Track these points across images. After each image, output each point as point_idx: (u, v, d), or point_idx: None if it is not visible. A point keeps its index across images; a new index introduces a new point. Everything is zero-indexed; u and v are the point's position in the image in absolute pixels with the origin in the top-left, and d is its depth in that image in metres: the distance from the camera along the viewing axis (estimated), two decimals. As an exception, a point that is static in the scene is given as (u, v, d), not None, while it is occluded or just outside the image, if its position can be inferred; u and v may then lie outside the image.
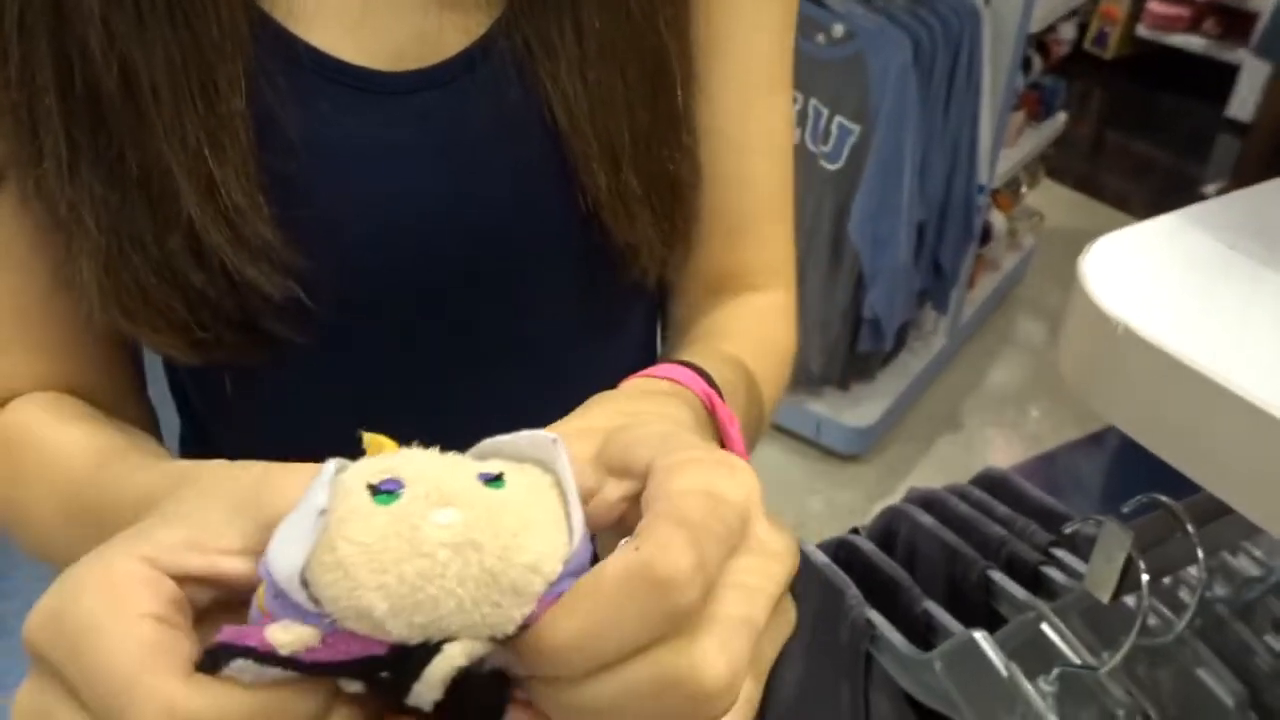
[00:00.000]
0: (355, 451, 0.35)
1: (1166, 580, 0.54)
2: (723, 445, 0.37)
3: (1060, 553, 0.68)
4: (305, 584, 0.21)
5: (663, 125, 0.45)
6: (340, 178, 0.41)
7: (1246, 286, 0.41)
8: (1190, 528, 0.44)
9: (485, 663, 0.22)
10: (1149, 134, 3.61)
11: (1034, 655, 0.53)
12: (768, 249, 0.52)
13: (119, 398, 0.47)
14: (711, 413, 0.37)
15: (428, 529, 0.21)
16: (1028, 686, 0.50)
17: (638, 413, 0.32)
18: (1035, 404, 2.71)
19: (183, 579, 0.23)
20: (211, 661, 0.21)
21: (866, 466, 2.17)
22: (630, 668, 0.21)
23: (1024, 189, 2.53)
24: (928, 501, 0.75)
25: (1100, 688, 0.49)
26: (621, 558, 0.22)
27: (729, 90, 0.48)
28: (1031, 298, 2.84)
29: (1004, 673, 0.51)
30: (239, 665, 0.21)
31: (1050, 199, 2.96)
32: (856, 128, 1.83)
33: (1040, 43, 2.35)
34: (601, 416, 0.31)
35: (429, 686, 0.21)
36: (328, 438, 0.47)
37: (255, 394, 0.45)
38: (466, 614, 0.21)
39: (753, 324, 0.51)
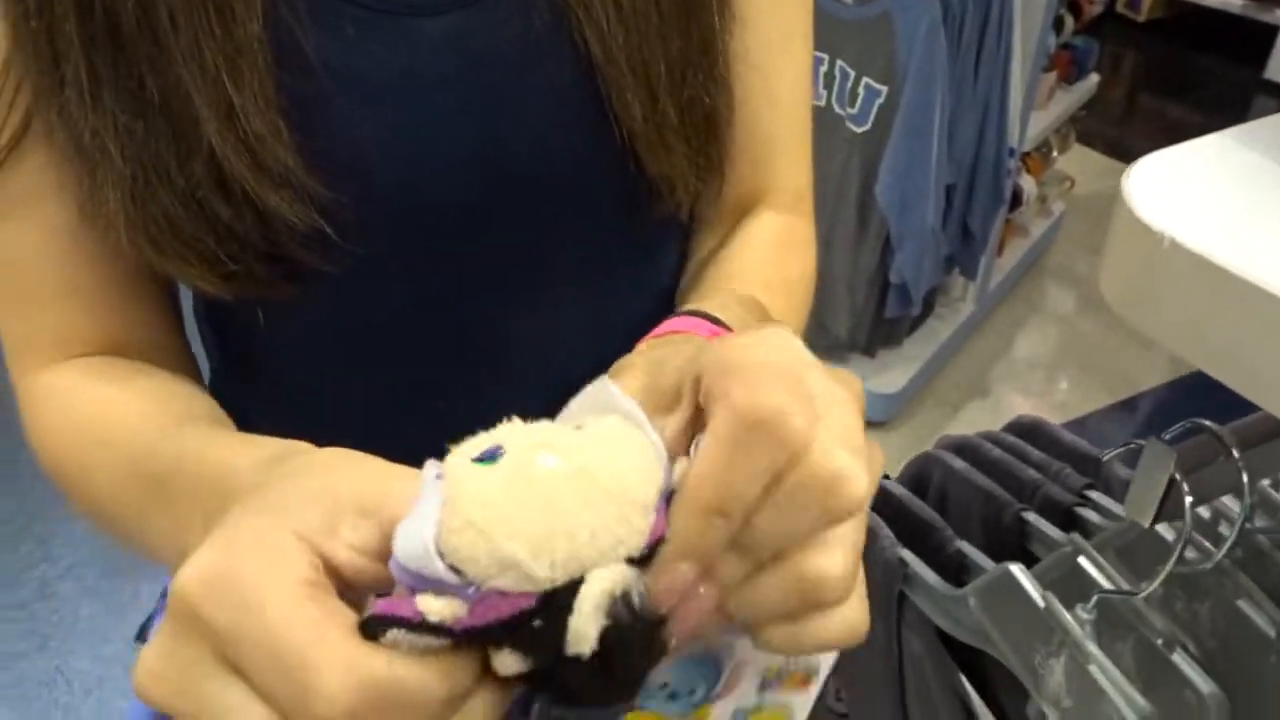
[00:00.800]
0: (392, 391, 0.36)
1: (1206, 514, 0.54)
2: None
3: (1095, 495, 0.67)
4: (441, 557, 0.22)
5: (697, 54, 0.44)
6: (363, 103, 0.41)
7: (1295, 201, 0.40)
8: (1235, 452, 0.43)
9: (633, 599, 0.22)
10: (1183, 97, 3.53)
11: (1071, 588, 0.52)
12: (790, 173, 0.52)
13: (162, 349, 0.47)
14: None
15: (539, 472, 0.22)
16: (1065, 615, 0.49)
17: (658, 358, 0.32)
18: (1064, 373, 2.68)
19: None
20: (369, 633, 0.22)
21: (893, 433, 2.16)
22: (775, 501, 0.23)
23: (1055, 153, 2.49)
24: (960, 447, 0.75)
25: (1139, 617, 0.49)
26: (718, 424, 0.23)
27: (763, 19, 0.48)
28: (1061, 265, 2.80)
29: (1041, 603, 0.51)
30: (394, 635, 0.22)
31: (1081, 164, 2.91)
32: (884, 89, 1.81)
33: (1072, 2, 2.31)
34: (629, 376, 0.30)
35: (584, 619, 0.22)
36: (362, 371, 0.48)
37: (289, 328, 0.45)
38: (599, 540, 0.22)
39: (766, 255, 0.50)
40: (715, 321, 0.40)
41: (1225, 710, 0.47)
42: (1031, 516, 0.65)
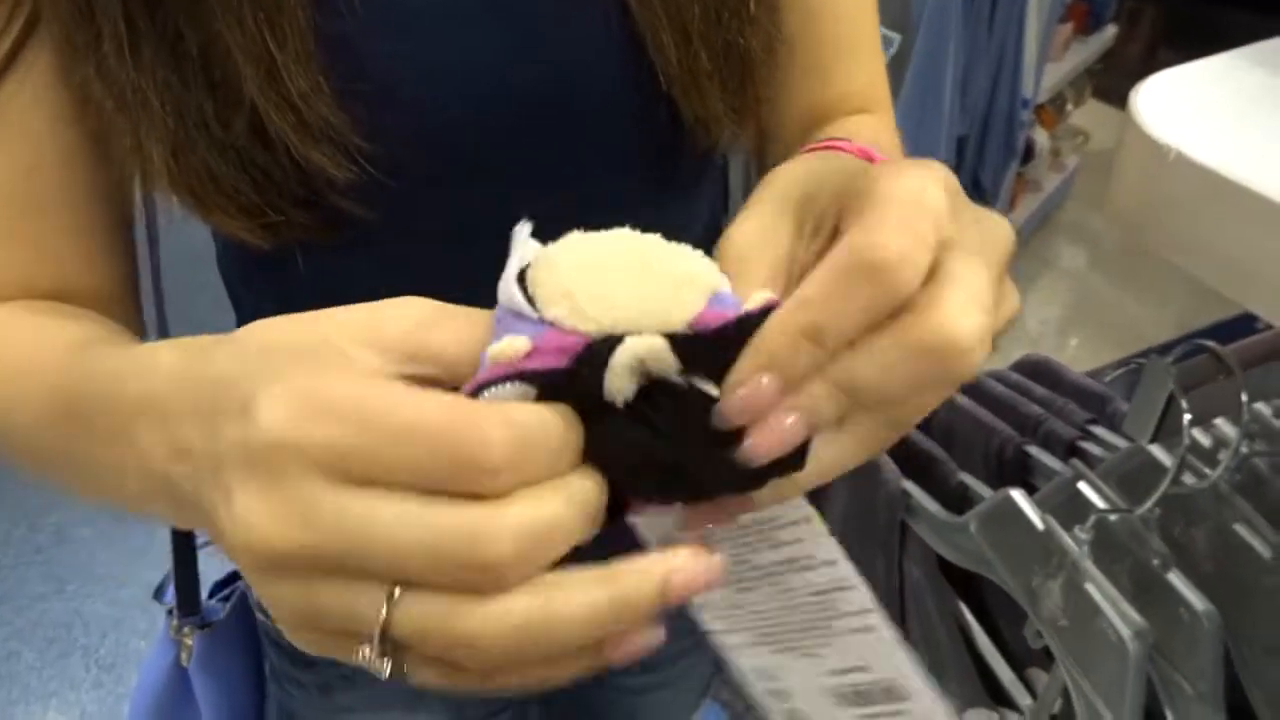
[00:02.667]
0: None
1: (1207, 442, 0.54)
2: None
3: (1098, 429, 0.68)
4: (523, 286, 0.26)
5: None
6: (399, 39, 0.41)
7: (1304, 117, 0.40)
8: (1236, 370, 0.43)
9: (668, 364, 0.24)
10: (1204, 51, 3.46)
11: (1070, 512, 0.53)
12: (862, 77, 0.52)
13: (113, 302, 0.46)
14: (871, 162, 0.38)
15: (606, 244, 0.27)
16: (1064, 535, 0.50)
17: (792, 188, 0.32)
18: (1076, 329, 2.67)
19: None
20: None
21: (901, 387, 2.16)
22: (878, 342, 0.23)
23: (1069, 106, 2.46)
24: (965, 384, 0.75)
25: (1136, 539, 0.50)
26: (834, 253, 0.23)
27: None
28: (1073, 222, 2.78)
29: (1039, 525, 0.52)
30: (488, 394, 0.24)
31: (1096, 119, 2.87)
32: (897, 36, 1.78)
33: (1091, -49, 2.27)
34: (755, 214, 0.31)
35: (616, 374, 0.24)
36: None
37: (328, 274, 0.45)
38: (647, 304, 0.24)
39: (864, 127, 0.51)
40: (842, 141, 0.40)
41: (1218, 626, 0.48)
42: (1034, 450, 0.65)
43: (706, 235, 0.54)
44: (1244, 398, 0.44)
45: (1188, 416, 0.42)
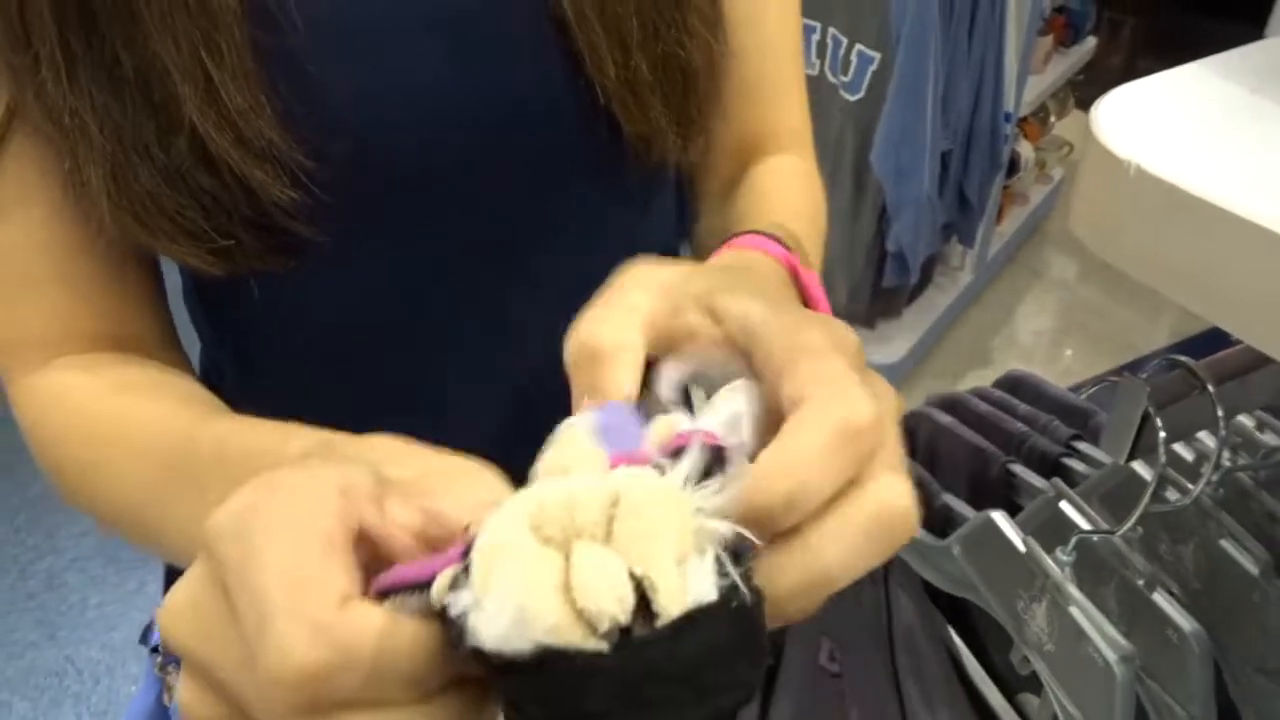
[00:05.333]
0: (391, 363, 0.33)
1: (1190, 457, 0.53)
2: (806, 304, 0.39)
3: (1082, 445, 0.67)
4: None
5: (669, 8, 0.44)
6: (341, 58, 0.40)
7: (1265, 127, 0.39)
8: (1210, 386, 0.43)
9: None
10: (1183, 59, 3.49)
11: (1053, 533, 0.52)
12: (788, 113, 0.53)
13: (155, 342, 0.46)
14: (794, 276, 0.39)
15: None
16: (1045, 558, 0.49)
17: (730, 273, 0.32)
18: (1067, 340, 2.67)
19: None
20: (378, 598, 0.21)
21: (894, 404, 2.15)
22: (844, 509, 0.22)
23: (1052, 118, 2.47)
24: (948, 403, 0.74)
25: (1120, 559, 0.49)
26: (816, 416, 0.22)
27: None
28: (1062, 231, 2.78)
29: (1021, 548, 0.51)
30: (394, 601, 0.21)
31: (1081, 130, 2.88)
32: (877, 55, 1.79)
33: (1067, -36, 2.29)
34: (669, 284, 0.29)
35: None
36: (358, 343, 0.48)
37: (284, 301, 0.45)
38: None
39: (791, 189, 0.52)
40: (777, 240, 0.40)
41: (1207, 647, 0.46)
42: (1018, 468, 0.64)
43: (663, 253, 0.54)
44: (1220, 412, 0.43)
45: (1163, 433, 0.41)
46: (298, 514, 0.21)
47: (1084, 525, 0.50)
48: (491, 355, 0.49)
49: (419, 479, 0.24)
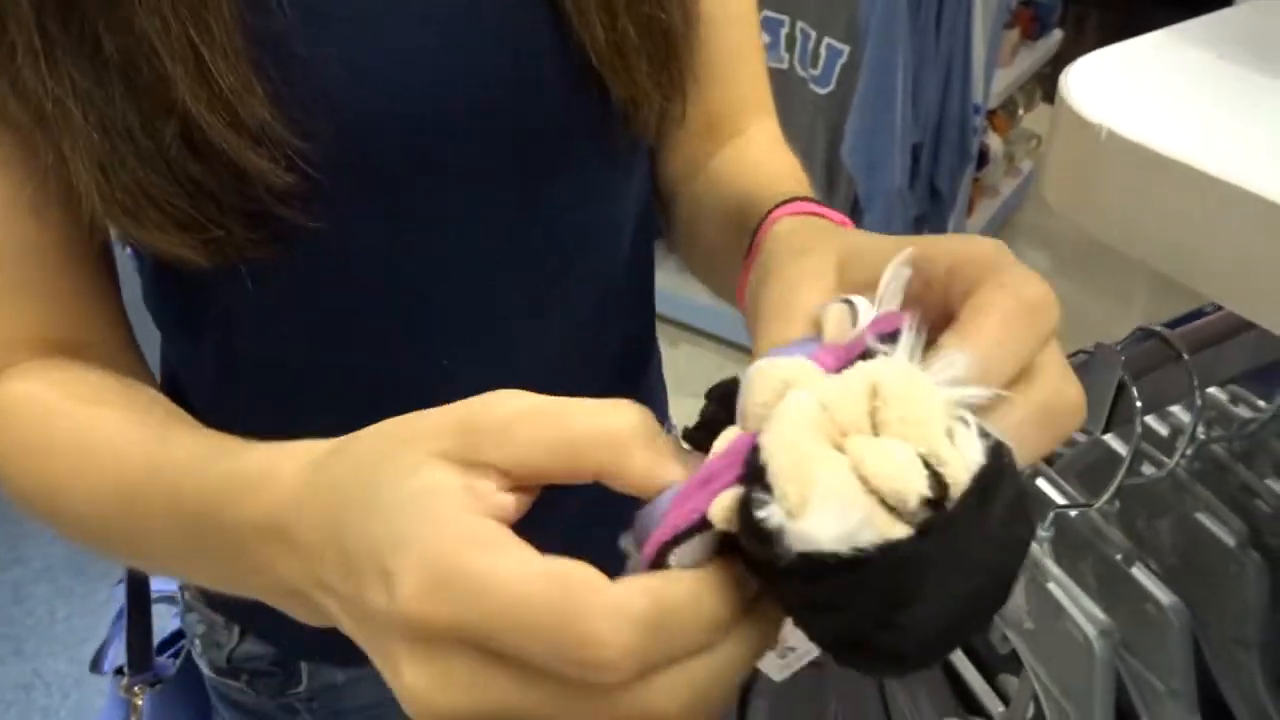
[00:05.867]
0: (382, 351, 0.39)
1: (1164, 430, 0.53)
2: None
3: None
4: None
5: None
6: (330, 36, 0.39)
7: (1233, 91, 0.39)
8: (1185, 355, 0.42)
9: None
10: (1147, 53, 3.52)
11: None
12: (753, 86, 0.54)
13: (114, 347, 0.45)
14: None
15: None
16: (1023, 534, 0.49)
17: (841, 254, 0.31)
18: (1039, 331, 2.68)
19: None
20: (659, 563, 0.22)
21: (870, 397, 2.16)
22: (1018, 396, 0.23)
23: (1021, 111, 2.48)
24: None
25: (1097, 534, 0.48)
26: (998, 292, 0.24)
27: None
28: (1032, 224, 2.80)
29: (999, 525, 0.50)
30: (675, 555, 0.22)
31: (1048, 122, 2.91)
32: (846, 48, 1.80)
33: (1032, -42, 2.30)
34: (817, 280, 0.30)
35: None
36: (356, 327, 0.47)
37: (274, 290, 0.44)
38: None
39: (780, 160, 0.52)
40: (813, 201, 0.41)
41: (1186, 620, 0.46)
42: (993, 448, 0.64)
43: (641, 227, 0.54)
44: (1195, 381, 0.42)
45: (1139, 402, 0.41)
46: (468, 539, 0.22)
47: (1061, 501, 0.49)
48: (494, 332, 0.48)
49: (471, 441, 0.24)
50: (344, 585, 0.25)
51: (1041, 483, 0.53)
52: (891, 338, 0.23)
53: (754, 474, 0.21)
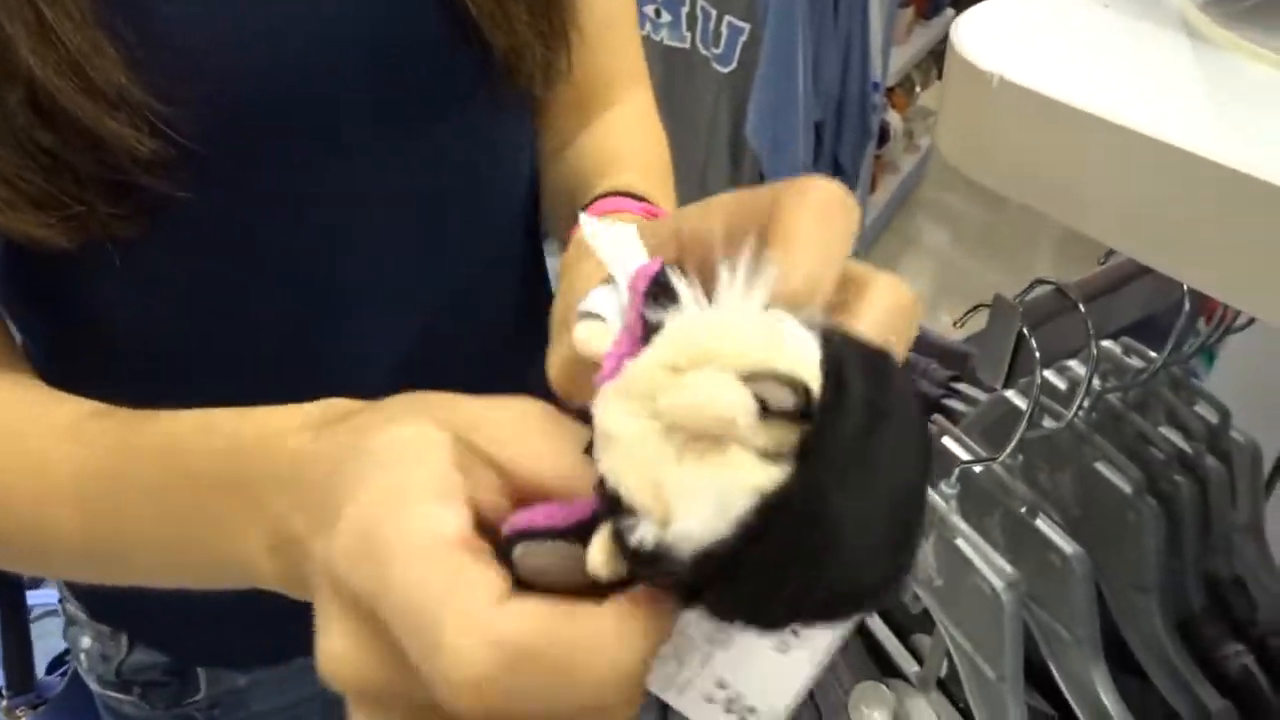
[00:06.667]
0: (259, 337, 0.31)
1: (1062, 385, 0.54)
2: None
3: (961, 385, 0.67)
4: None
5: None
6: (193, 5, 0.36)
7: (1120, 36, 0.39)
8: (1080, 305, 0.43)
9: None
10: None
11: (937, 469, 0.52)
12: (624, 52, 0.53)
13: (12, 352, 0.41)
14: None
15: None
16: (930, 491, 0.49)
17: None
18: (944, 304, 2.76)
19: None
20: (503, 553, 0.21)
21: (782, 374, 2.18)
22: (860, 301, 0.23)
23: (918, 89, 2.54)
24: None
25: (1002, 489, 0.49)
26: (799, 199, 0.23)
27: None
28: (932, 199, 2.88)
29: (907, 485, 0.50)
30: (521, 549, 0.21)
31: (945, 101, 2.98)
32: (746, 25, 1.80)
33: (924, -62, 2.35)
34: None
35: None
36: (237, 300, 0.43)
37: (146, 268, 0.41)
38: None
39: (635, 141, 0.51)
40: (638, 198, 0.41)
41: (1088, 569, 0.47)
42: (900, 412, 0.64)
43: (529, 190, 0.52)
44: (1091, 329, 0.43)
45: (1037, 353, 0.41)
46: (410, 523, 0.20)
47: (966, 457, 0.50)
48: (382, 301, 0.46)
49: (477, 430, 0.23)
50: (309, 528, 0.24)
51: (947, 440, 0.53)
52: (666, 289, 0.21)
53: (612, 506, 0.19)
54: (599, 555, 0.19)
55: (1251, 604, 0.51)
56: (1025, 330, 0.40)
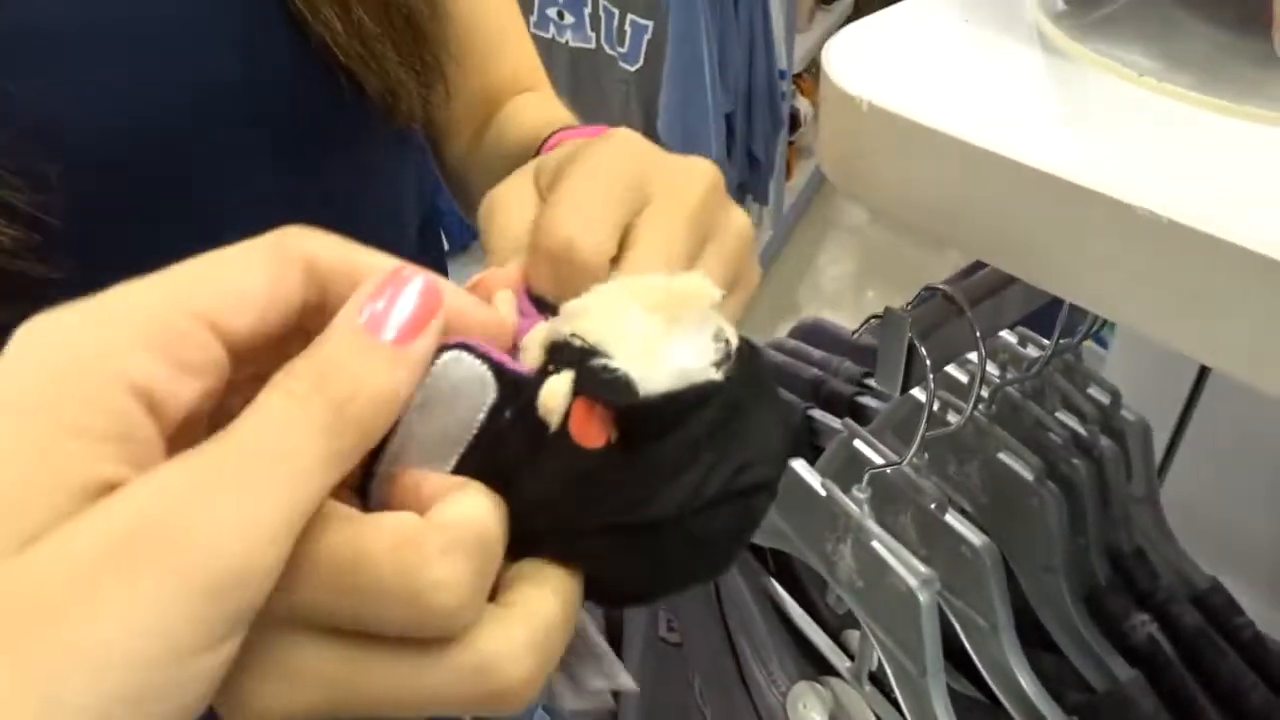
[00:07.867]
0: None
1: (964, 379, 0.56)
2: None
3: (873, 382, 0.69)
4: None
5: None
6: (36, 69, 0.35)
7: (979, 52, 0.41)
8: (967, 309, 0.44)
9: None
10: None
11: (852, 473, 0.53)
12: (522, 58, 0.55)
13: None
14: None
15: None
16: (843, 498, 0.50)
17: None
18: (867, 281, 2.81)
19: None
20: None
21: (715, 365, 2.20)
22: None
23: (825, 72, 2.57)
24: (746, 358, 0.75)
25: (912, 488, 0.50)
26: (581, 167, 0.27)
27: None
28: (848, 180, 2.92)
29: (822, 491, 0.52)
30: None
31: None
32: (649, 23, 1.80)
33: (818, -76, 2.38)
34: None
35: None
36: None
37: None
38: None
39: (548, 108, 0.53)
40: (573, 128, 0.43)
41: (998, 557, 0.49)
42: (816, 413, 0.66)
43: (419, 220, 0.53)
44: (978, 333, 0.44)
45: (928, 361, 0.43)
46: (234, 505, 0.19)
47: (878, 460, 0.51)
48: None
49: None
50: None
51: (858, 444, 0.54)
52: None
53: (583, 355, 0.23)
54: (551, 394, 0.22)
55: (1153, 573, 0.54)
56: (915, 340, 0.42)
